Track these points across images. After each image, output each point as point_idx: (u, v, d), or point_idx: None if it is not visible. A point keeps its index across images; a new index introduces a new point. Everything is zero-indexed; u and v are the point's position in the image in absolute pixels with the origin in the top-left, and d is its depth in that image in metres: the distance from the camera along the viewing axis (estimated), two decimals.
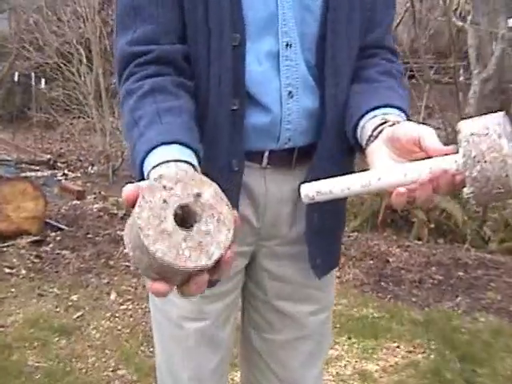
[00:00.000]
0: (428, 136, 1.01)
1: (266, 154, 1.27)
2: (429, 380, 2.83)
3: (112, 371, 2.90)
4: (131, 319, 3.41)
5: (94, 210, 5.16)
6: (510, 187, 0.90)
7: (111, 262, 4.14)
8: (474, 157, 0.92)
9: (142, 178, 1.03)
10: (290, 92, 1.22)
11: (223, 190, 1.21)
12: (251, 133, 1.23)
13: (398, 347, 3.14)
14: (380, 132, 1.11)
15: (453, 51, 5.00)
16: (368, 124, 1.16)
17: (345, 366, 2.95)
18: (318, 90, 1.25)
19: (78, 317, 3.41)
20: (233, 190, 1.24)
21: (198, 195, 0.86)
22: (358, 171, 1.04)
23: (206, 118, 1.19)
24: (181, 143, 1.04)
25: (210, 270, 0.85)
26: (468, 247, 4.51)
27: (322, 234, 1.34)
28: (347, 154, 1.31)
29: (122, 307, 3.55)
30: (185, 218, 0.86)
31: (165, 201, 0.84)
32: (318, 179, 1.24)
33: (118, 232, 4.59)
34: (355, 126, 1.20)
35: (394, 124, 1.11)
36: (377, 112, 1.16)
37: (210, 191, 0.87)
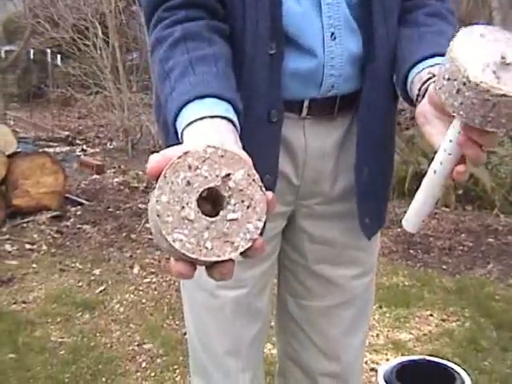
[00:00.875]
0: None
1: (306, 102, 1.17)
2: (464, 349, 2.74)
3: (137, 345, 2.83)
4: (155, 292, 3.33)
5: (115, 184, 5.09)
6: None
7: (133, 236, 4.07)
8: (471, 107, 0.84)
9: (177, 137, 0.94)
10: (333, 34, 1.12)
11: (261, 145, 1.12)
12: (291, 79, 1.13)
13: (430, 315, 3.04)
14: (426, 89, 1.01)
15: (481, 8, 4.84)
16: (416, 79, 1.06)
17: (377, 335, 2.86)
18: (360, 32, 1.14)
19: (100, 291, 3.34)
20: (271, 144, 1.15)
21: (227, 177, 0.74)
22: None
23: (241, 65, 1.08)
24: (216, 96, 0.94)
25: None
26: (497, 213, 4.39)
27: (371, 189, 1.24)
28: (392, 100, 1.21)
29: (145, 280, 3.48)
30: (215, 201, 0.76)
31: (188, 183, 0.73)
32: (363, 129, 1.16)
33: (140, 205, 4.52)
34: (404, 80, 1.10)
35: None
36: (424, 64, 1.06)
37: (242, 172, 0.75)
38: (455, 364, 0.89)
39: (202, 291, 1.30)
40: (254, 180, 0.76)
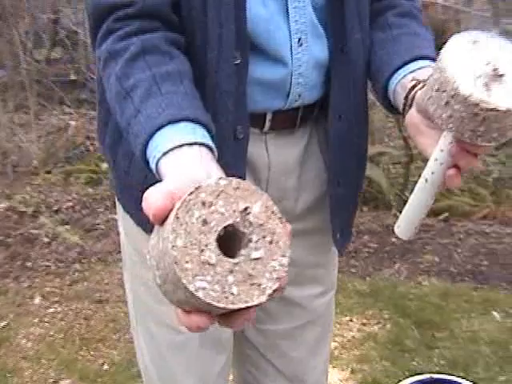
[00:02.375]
0: None
1: (270, 115, 1.09)
2: (390, 350, 2.73)
3: (54, 382, 2.64)
4: (63, 323, 3.13)
5: (1, 210, 4.80)
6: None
7: (29, 264, 3.83)
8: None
9: (147, 164, 0.85)
10: (300, 39, 1.04)
11: (227, 164, 1.02)
12: (255, 91, 1.05)
13: (350, 321, 3.02)
14: (413, 97, 0.96)
15: None
16: (399, 88, 1.01)
17: None
18: (325, 36, 1.08)
19: (3, 326, 3.10)
20: (237, 163, 1.06)
21: (245, 211, 0.67)
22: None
23: (204, 79, 0.99)
24: (191, 120, 0.84)
25: None
26: (395, 213, 4.46)
27: (345, 202, 1.18)
28: (365, 107, 1.16)
29: (49, 311, 3.26)
30: (228, 239, 0.68)
31: (205, 221, 0.65)
32: (336, 139, 1.13)
33: (31, 231, 4.27)
34: (385, 88, 1.05)
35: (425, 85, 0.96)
36: (405, 70, 1.01)
37: (259, 204, 0.68)
38: (463, 379, 0.85)
39: (163, 327, 1.19)
40: (272, 212, 0.68)
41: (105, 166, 4.56)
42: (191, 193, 0.65)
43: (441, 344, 2.77)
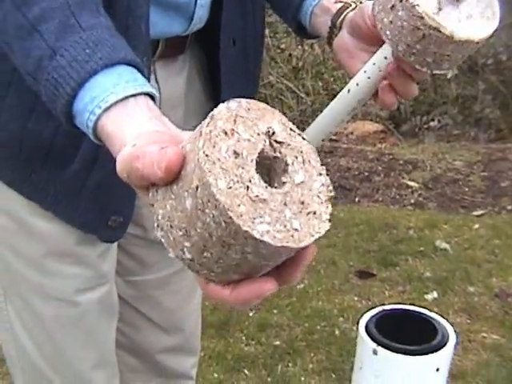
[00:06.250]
0: None
1: (162, 42, 0.94)
2: None
3: None
4: None
5: None
6: (449, 42, 0.75)
7: None
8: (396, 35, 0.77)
9: (69, 119, 0.67)
10: None
11: None
12: (155, 14, 0.88)
13: None
14: (343, 21, 0.90)
15: None
16: (318, 10, 0.94)
17: None
18: None
19: None
20: None
21: (269, 132, 0.56)
22: None
23: (112, 3, 0.80)
24: (127, 62, 0.67)
25: None
26: None
27: None
28: (262, 30, 1.04)
29: None
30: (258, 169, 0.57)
31: (236, 153, 0.53)
32: (221, 69, 1.01)
33: None
34: (296, 11, 0.97)
35: (356, 7, 0.90)
36: None
37: (277, 123, 0.57)
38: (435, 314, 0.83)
39: (53, 302, 1.02)
40: (291, 129, 0.58)
41: None
42: (208, 124, 0.53)
43: None
